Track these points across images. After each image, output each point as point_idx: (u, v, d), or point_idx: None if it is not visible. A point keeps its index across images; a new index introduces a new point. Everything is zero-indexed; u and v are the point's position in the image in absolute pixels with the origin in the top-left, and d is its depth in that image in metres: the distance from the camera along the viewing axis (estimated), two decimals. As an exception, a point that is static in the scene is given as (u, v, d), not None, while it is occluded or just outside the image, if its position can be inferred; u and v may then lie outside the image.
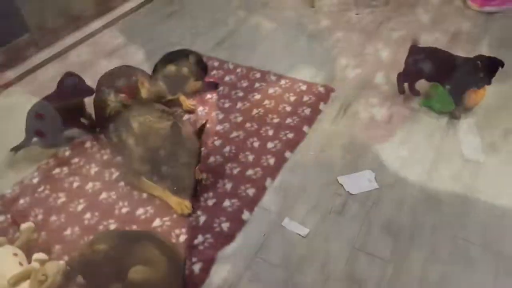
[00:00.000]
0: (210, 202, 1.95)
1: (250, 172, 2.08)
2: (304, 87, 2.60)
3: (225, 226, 1.84)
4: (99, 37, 3.31)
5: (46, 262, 1.60)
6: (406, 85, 2.47)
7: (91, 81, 2.35)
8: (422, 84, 2.43)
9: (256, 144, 2.24)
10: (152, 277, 1.44)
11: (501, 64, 2.16)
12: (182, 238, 1.80)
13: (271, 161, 2.14)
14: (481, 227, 1.79)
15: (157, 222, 1.88)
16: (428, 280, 1.62)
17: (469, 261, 1.67)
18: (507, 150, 2.11)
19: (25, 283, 1.49)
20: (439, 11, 3.30)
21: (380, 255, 1.71)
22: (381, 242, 1.76)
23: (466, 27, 3.06)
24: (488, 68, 2.17)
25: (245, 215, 1.89)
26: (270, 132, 2.30)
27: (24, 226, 1.76)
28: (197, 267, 1.68)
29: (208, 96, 2.60)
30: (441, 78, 2.30)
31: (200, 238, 1.80)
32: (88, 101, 2.33)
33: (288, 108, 2.45)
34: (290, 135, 2.27)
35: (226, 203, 1.94)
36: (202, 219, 1.88)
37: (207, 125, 2.33)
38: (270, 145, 2.23)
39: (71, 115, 2.30)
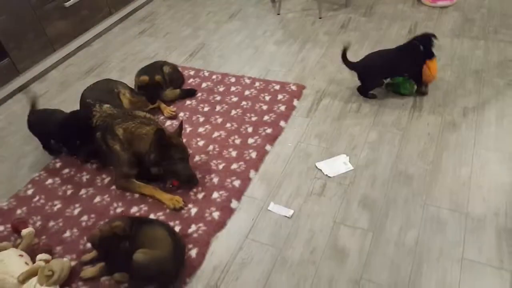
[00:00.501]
0: (200, 196, 2.08)
1: (234, 166, 2.23)
2: (277, 87, 2.78)
3: (216, 214, 1.98)
4: (77, 57, 3.42)
5: (51, 261, 1.70)
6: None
7: (74, 97, 2.47)
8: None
9: (237, 141, 2.39)
10: (156, 257, 1.58)
11: (433, 35, 2.45)
12: (177, 228, 1.91)
13: (253, 154, 2.29)
14: (448, 194, 1.98)
15: (151, 217, 1.99)
16: (404, 244, 1.79)
17: (439, 224, 1.86)
18: (466, 125, 2.34)
19: (33, 279, 1.58)
20: (396, 8, 3.58)
21: (359, 226, 1.88)
22: (360, 215, 1.93)
23: (421, 21, 3.34)
24: (425, 43, 2.44)
25: (234, 203, 2.03)
26: (250, 130, 2.46)
27: (25, 231, 1.86)
28: (193, 252, 1.81)
29: (188, 102, 2.75)
30: (397, 72, 2.54)
31: (193, 227, 1.92)
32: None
33: (265, 107, 2.63)
34: (269, 131, 2.44)
35: (215, 195, 2.08)
36: (194, 210, 2.01)
37: (190, 128, 2.49)
38: (250, 140, 2.38)
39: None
